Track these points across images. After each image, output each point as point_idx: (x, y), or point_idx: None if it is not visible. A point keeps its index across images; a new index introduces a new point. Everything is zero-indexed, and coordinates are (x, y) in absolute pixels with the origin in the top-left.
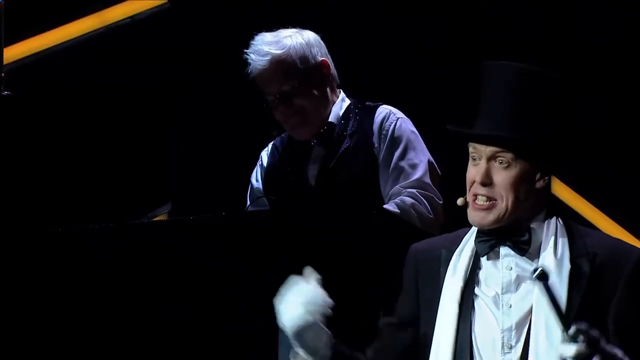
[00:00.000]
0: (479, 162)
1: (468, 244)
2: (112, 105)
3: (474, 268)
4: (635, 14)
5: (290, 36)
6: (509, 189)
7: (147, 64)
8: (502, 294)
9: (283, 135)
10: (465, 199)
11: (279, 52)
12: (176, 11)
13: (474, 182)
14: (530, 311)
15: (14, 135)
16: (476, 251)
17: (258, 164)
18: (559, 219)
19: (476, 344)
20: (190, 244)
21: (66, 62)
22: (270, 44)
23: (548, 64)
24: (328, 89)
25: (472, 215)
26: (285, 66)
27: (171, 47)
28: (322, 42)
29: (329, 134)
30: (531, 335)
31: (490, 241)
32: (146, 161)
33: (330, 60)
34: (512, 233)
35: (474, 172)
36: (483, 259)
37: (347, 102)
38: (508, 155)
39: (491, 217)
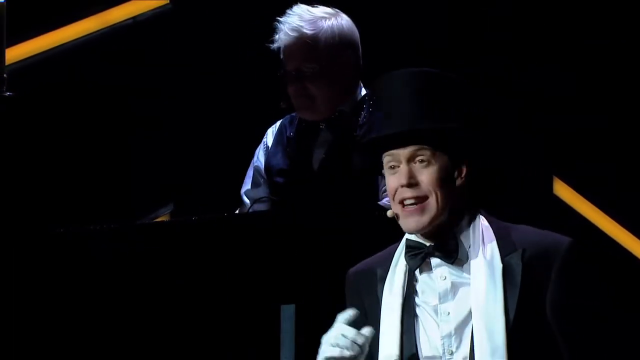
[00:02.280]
0: (399, 167)
1: (400, 259)
2: (113, 106)
3: (410, 281)
4: (636, 14)
5: (327, 18)
6: (436, 184)
7: (149, 65)
8: (440, 303)
9: (294, 114)
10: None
11: (309, 32)
12: (178, 12)
13: (397, 189)
14: (468, 316)
15: (16, 136)
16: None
17: (263, 141)
18: (482, 219)
19: (421, 353)
20: (192, 245)
21: (68, 63)
22: (304, 21)
23: (548, 64)
24: (348, 80)
25: (406, 222)
26: (311, 48)
27: (173, 47)
28: (355, 29)
29: (339, 121)
30: (475, 340)
31: (419, 254)
32: (149, 162)
33: (359, 49)
34: (439, 242)
35: (395, 179)
36: (417, 272)
37: (364, 92)
38: (427, 153)
39: (425, 218)
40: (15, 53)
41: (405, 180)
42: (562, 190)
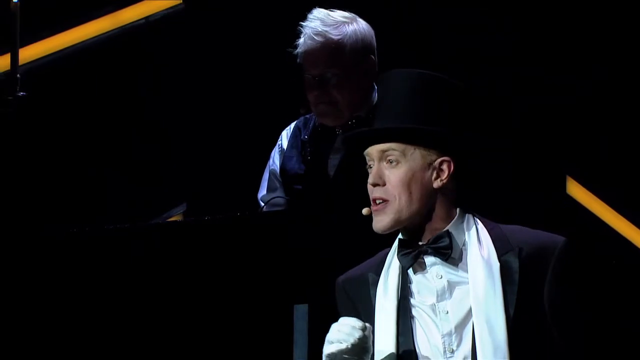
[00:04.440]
0: (373, 166)
1: (393, 261)
2: (126, 106)
3: (404, 283)
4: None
5: (349, 23)
6: (400, 187)
7: (161, 65)
8: (438, 302)
9: (308, 115)
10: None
11: (334, 37)
12: (191, 12)
13: (370, 188)
14: (467, 314)
15: (29, 136)
16: (403, 266)
17: (277, 144)
18: (476, 218)
19: (420, 354)
20: (204, 245)
21: (81, 63)
22: (328, 25)
23: (551, 64)
24: (367, 85)
25: (373, 221)
26: (335, 52)
27: (186, 47)
28: (373, 33)
29: (356, 126)
30: (476, 338)
31: (412, 252)
32: (161, 162)
33: (376, 53)
34: (431, 241)
35: (369, 178)
36: (411, 272)
37: None
38: (395, 153)
39: (386, 218)
40: (28, 53)
41: (371, 180)
42: (575, 190)
